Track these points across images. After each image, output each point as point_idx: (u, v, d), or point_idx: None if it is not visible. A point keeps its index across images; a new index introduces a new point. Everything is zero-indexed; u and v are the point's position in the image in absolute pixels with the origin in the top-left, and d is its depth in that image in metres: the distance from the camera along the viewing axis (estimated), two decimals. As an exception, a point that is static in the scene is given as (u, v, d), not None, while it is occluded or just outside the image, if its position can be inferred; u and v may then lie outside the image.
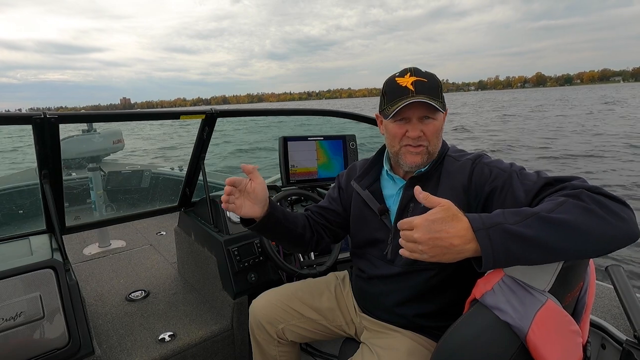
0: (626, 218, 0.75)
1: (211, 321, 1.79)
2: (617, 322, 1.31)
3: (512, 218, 0.76)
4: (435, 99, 1.02)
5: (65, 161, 4.12)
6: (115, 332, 1.74)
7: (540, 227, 0.74)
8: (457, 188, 1.03)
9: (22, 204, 3.80)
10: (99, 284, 2.25)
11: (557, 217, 0.74)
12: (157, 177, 4.31)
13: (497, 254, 0.74)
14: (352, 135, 2.19)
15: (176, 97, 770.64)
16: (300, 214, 1.29)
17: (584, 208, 0.75)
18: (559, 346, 0.75)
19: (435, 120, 1.05)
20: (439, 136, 1.08)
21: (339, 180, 1.36)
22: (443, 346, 0.82)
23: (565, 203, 0.77)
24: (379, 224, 1.18)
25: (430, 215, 0.78)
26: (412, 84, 1.03)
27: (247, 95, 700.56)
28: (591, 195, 0.78)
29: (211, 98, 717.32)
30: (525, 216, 0.76)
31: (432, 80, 1.05)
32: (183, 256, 2.24)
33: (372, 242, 1.20)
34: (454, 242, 0.75)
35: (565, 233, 0.73)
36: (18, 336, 1.19)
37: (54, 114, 1.35)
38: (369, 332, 1.23)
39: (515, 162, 1.01)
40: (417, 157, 1.07)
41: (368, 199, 1.20)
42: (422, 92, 1.02)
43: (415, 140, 1.05)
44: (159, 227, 3.25)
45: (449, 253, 0.76)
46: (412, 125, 1.05)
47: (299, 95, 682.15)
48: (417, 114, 1.03)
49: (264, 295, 1.41)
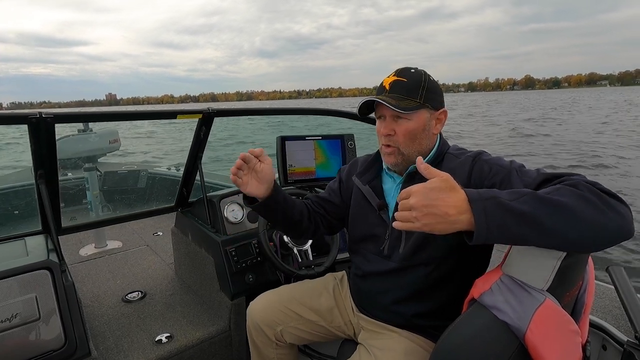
0: (621, 212, 0.75)
1: (208, 322, 1.78)
2: (618, 322, 1.31)
3: (508, 195, 0.77)
4: (403, 99, 1.04)
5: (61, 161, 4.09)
6: (112, 334, 1.73)
7: (535, 204, 0.74)
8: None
9: (17, 204, 3.78)
10: (96, 285, 2.23)
11: (554, 198, 0.74)
12: (153, 177, 4.30)
13: (491, 226, 0.73)
14: (351, 135, 2.18)
15: (163, 94, 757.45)
16: (299, 202, 1.30)
17: (580, 195, 0.75)
18: (558, 346, 0.75)
19: (408, 120, 1.06)
20: (412, 137, 1.07)
21: (341, 174, 1.37)
22: (441, 346, 0.81)
23: (562, 188, 0.77)
24: (378, 219, 1.18)
25: (429, 183, 0.78)
26: (390, 83, 1.07)
27: (236, 93, 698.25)
28: (589, 187, 0.77)
29: (199, 95, 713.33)
30: (521, 194, 0.76)
31: (413, 80, 1.06)
32: (180, 257, 2.23)
33: (370, 237, 1.20)
34: (449, 212, 0.75)
35: (559, 214, 0.72)
36: (14, 338, 1.18)
37: (50, 113, 1.34)
38: (366, 332, 1.23)
39: (515, 160, 1.01)
40: (390, 157, 1.11)
41: (368, 194, 1.21)
42: (394, 91, 1.05)
43: (387, 139, 1.09)
44: (155, 227, 3.23)
45: (442, 223, 0.76)
46: (385, 123, 1.09)
47: (289, 93, 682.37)
48: (389, 112, 1.07)
49: (262, 297, 1.40)
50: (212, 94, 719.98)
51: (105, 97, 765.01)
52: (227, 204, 1.90)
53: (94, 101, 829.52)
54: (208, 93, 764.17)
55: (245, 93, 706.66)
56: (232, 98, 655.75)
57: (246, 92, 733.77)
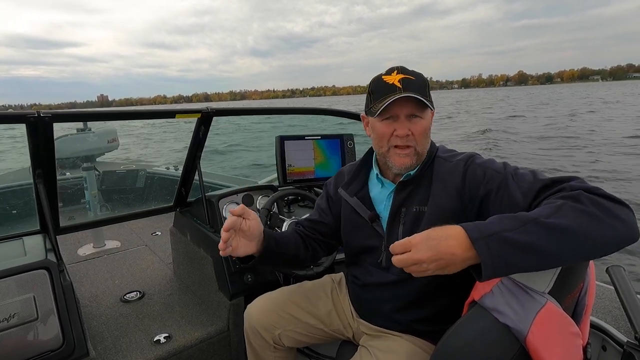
0: (626, 219, 0.75)
1: (207, 322, 1.77)
2: (618, 323, 1.30)
3: (509, 224, 0.75)
4: (423, 96, 1.00)
5: (60, 160, 4.08)
6: (110, 334, 1.72)
7: (539, 233, 0.72)
8: (450, 190, 1.01)
9: (15, 203, 3.77)
10: (94, 284, 2.22)
11: (557, 223, 0.73)
12: (152, 177, 4.29)
13: (497, 264, 0.72)
14: (350, 135, 2.18)
15: (156, 95, 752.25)
16: (291, 233, 1.26)
17: (583, 211, 0.74)
18: (559, 348, 0.75)
19: (423, 119, 1.03)
20: (427, 136, 1.06)
21: (327, 190, 1.32)
22: (441, 349, 0.81)
23: (564, 206, 0.75)
24: (371, 231, 1.15)
25: (424, 233, 0.78)
26: (399, 81, 1.01)
27: (229, 93, 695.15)
28: (590, 197, 0.77)
29: (192, 95, 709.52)
30: (523, 222, 0.74)
31: (420, 79, 1.03)
32: (179, 257, 2.22)
33: (366, 249, 1.17)
34: (455, 252, 0.74)
35: (565, 238, 0.72)
36: (12, 338, 1.17)
37: (47, 112, 1.33)
38: (367, 336, 1.22)
39: (508, 162, 0.99)
40: (405, 159, 1.04)
41: (357, 206, 1.18)
42: (409, 89, 1.00)
43: (404, 139, 1.02)
44: (154, 227, 3.22)
45: (453, 264, 0.75)
46: (400, 124, 1.02)
47: (283, 92, 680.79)
48: (405, 111, 1.01)
49: (259, 300, 1.38)
50: (205, 94, 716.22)
51: (97, 99, 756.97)
52: (226, 204, 1.90)
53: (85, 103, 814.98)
54: (201, 93, 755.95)
55: (239, 93, 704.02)
56: (226, 98, 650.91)
57: (239, 91, 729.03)
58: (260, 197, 2.01)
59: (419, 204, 1.06)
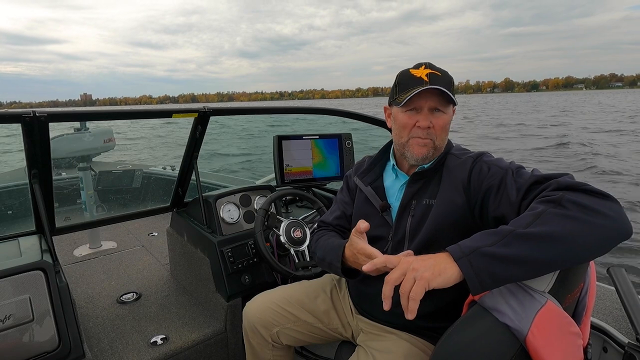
0: (613, 215, 0.75)
1: (204, 324, 1.76)
2: (619, 324, 1.30)
3: (489, 239, 0.77)
4: (448, 91, 1.03)
5: (55, 160, 4.05)
6: (106, 335, 1.71)
7: (519, 244, 0.74)
8: (457, 185, 1.03)
9: (10, 204, 3.74)
10: (90, 286, 2.21)
11: (536, 231, 0.74)
12: (148, 177, 4.27)
13: (483, 279, 0.74)
14: (348, 134, 2.17)
15: (142, 94, 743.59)
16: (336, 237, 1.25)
17: (564, 215, 0.75)
18: (559, 348, 0.75)
19: (445, 114, 1.06)
20: (446, 131, 1.09)
21: (348, 182, 1.34)
22: (441, 349, 0.81)
23: (544, 213, 0.76)
24: (380, 221, 1.16)
25: (411, 259, 0.82)
26: (426, 75, 1.04)
27: (217, 94, 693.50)
28: (572, 198, 0.77)
29: (179, 96, 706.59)
30: (502, 235, 0.77)
31: (446, 75, 1.06)
32: (175, 258, 2.21)
33: (373, 239, 1.17)
34: (445, 269, 0.77)
35: (548, 245, 0.73)
36: (7, 339, 1.16)
37: (43, 112, 1.32)
38: (366, 334, 1.21)
39: (514, 161, 1.01)
40: (423, 148, 1.07)
41: (370, 195, 1.20)
42: (437, 83, 1.02)
43: (424, 132, 1.05)
44: (150, 228, 3.21)
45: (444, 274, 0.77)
46: (423, 116, 1.06)
47: (271, 95, 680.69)
48: (429, 104, 1.04)
49: (258, 298, 1.38)
50: (192, 95, 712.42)
51: (80, 98, 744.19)
52: (223, 204, 1.89)
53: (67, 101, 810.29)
54: (188, 94, 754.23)
55: (226, 94, 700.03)
56: (213, 99, 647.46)
57: (227, 92, 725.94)
58: (257, 197, 2.00)
59: (429, 197, 1.08)
